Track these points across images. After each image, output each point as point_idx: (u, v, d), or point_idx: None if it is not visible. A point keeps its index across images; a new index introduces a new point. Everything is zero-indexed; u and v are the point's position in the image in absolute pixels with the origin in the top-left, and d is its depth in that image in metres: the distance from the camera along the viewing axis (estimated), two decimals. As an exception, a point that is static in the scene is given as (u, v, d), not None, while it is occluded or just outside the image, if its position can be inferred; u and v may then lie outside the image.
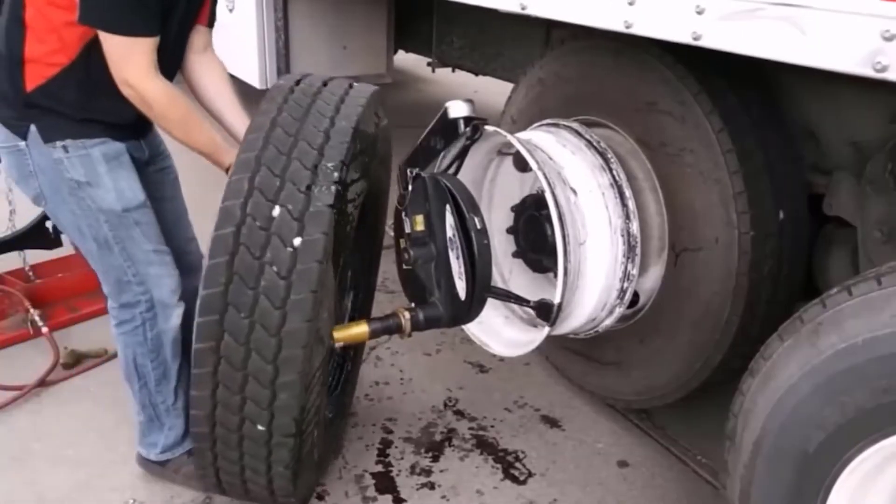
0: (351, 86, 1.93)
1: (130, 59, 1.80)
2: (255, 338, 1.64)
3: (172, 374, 2.15)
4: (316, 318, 1.66)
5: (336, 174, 1.68)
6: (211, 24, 2.13)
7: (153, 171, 2.18)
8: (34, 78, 1.86)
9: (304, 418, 1.74)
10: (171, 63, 2.02)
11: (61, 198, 1.95)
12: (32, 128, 1.88)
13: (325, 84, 1.89)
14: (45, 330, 2.93)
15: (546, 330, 2.12)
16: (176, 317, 2.11)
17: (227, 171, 1.97)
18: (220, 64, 2.18)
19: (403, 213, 2.17)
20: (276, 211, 1.64)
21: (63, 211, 1.99)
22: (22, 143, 1.90)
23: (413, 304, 2.15)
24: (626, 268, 2.18)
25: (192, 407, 1.75)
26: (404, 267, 2.18)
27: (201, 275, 1.67)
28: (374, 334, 2.08)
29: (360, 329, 2.06)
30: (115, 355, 2.86)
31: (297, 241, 1.63)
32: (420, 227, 2.12)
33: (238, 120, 2.09)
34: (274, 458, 1.77)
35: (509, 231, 2.46)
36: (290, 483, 1.83)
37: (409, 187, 2.15)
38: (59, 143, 1.88)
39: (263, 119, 1.75)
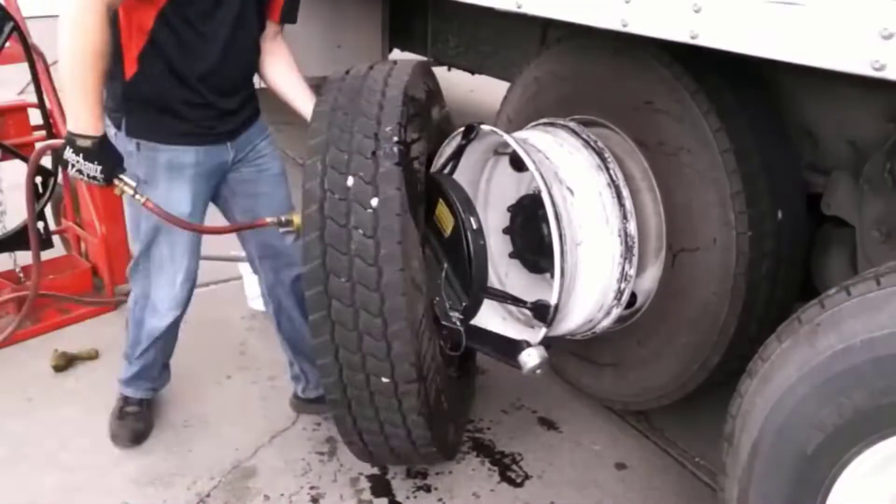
0: (395, 62, 2.10)
1: None
2: (358, 297, 1.79)
3: (142, 344, 2.38)
4: (408, 265, 1.79)
5: (395, 137, 1.83)
6: (284, 20, 2.18)
7: (247, 170, 2.25)
8: (129, 72, 1.99)
9: (423, 364, 1.86)
10: (235, 69, 2.08)
11: None
12: (124, 120, 2.06)
13: (371, 68, 2.06)
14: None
15: (543, 331, 2.10)
16: (159, 319, 2.30)
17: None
18: (286, 53, 2.26)
19: None
20: (350, 181, 1.80)
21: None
22: (113, 131, 2.06)
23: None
24: (623, 268, 2.17)
25: (322, 376, 1.91)
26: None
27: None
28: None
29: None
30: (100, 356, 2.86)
31: (374, 202, 1.78)
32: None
33: (307, 106, 2.15)
34: (405, 406, 1.89)
35: (506, 231, 2.44)
36: (427, 430, 1.95)
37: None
38: (134, 140, 2.06)
39: (323, 107, 1.93)
